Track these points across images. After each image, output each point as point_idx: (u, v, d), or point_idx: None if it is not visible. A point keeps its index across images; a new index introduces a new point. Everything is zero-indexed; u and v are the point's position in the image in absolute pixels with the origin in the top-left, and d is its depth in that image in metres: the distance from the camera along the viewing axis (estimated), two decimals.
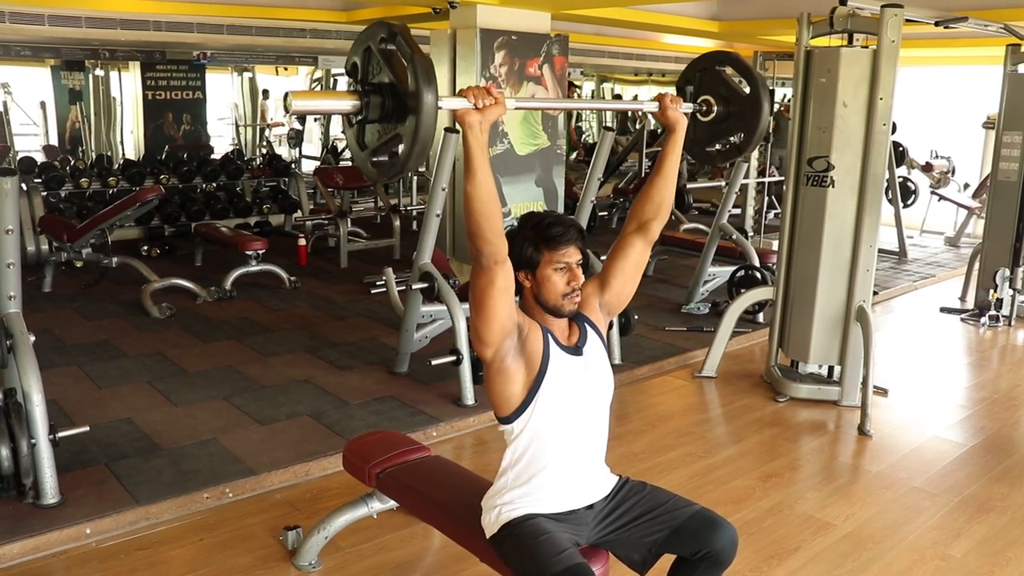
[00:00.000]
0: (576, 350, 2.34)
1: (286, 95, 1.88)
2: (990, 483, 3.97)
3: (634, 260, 2.48)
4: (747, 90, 2.63)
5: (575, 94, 13.89)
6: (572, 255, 2.29)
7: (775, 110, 12.23)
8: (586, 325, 2.39)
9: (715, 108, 2.63)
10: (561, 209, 7.58)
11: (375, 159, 2.03)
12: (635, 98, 15.93)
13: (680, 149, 2.49)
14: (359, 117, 2.01)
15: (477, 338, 2.20)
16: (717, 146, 2.72)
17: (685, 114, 2.49)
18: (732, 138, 2.70)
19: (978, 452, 4.36)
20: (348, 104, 1.97)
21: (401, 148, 1.96)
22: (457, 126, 2.05)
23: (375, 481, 2.94)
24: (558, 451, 2.31)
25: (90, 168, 9.21)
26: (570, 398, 2.30)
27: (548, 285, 2.28)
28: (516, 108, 2.14)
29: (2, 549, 3.13)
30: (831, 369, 5.07)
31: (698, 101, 2.65)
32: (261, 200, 9.86)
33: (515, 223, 2.41)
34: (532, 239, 2.30)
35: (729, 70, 2.79)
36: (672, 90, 2.65)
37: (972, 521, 3.60)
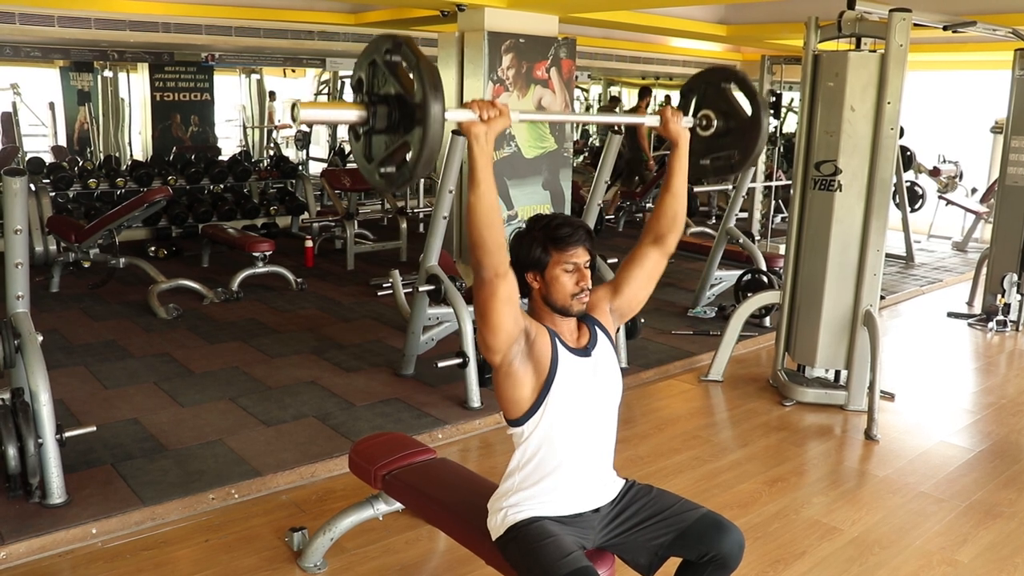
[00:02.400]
0: (585, 352, 2.34)
1: (293, 105, 1.89)
2: (997, 488, 3.95)
3: (648, 269, 2.49)
4: (749, 110, 2.63)
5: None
6: (580, 256, 2.30)
7: None
8: (596, 328, 2.39)
9: (715, 123, 2.63)
10: (568, 212, 7.58)
11: (383, 170, 2.04)
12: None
13: (686, 163, 2.50)
14: (366, 128, 2.01)
15: (484, 346, 2.22)
16: (710, 160, 2.73)
17: (686, 128, 2.51)
18: (726, 155, 2.70)
19: (985, 457, 4.34)
20: (355, 114, 1.98)
21: (409, 157, 1.96)
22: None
23: (381, 483, 2.94)
24: (567, 453, 2.30)
25: (98, 169, 9.26)
26: (579, 400, 2.30)
27: (557, 286, 2.29)
28: (520, 120, 2.14)
29: (9, 548, 3.14)
30: (838, 373, 5.06)
31: (699, 115, 2.65)
32: (268, 202, 9.89)
33: (522, 225, 2.41)
34: (540, 240, 2.30)
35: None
36: (677, 95, 2.66)
37: (979, 526, 3.58)
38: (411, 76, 1.91)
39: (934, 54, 10.22)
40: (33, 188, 7.23)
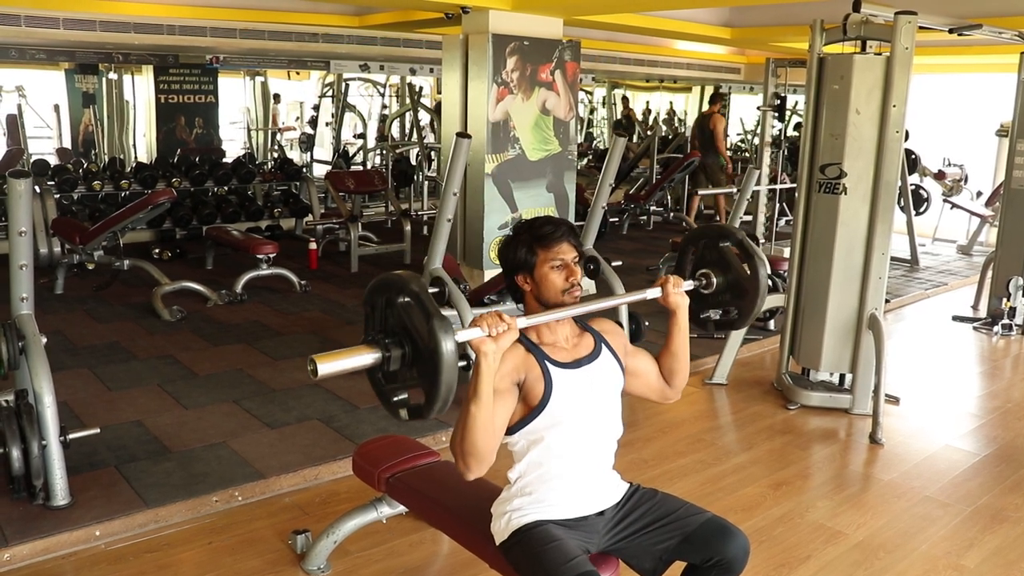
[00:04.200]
0: (579, 363, 2.33)
1: (310, 361, 1.91)
2: (1003, 493, 3.94)
3: (649, 382, 2.55)
4: (747, 271, 2.65)
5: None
6: (566, 252, 2.31)
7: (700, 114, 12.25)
8: (603, 346, 2.41)
9: (715, 281, 2.67)
10: (572, 214, 7.58)
11: (397, 399, 2.12)
12: (647, 104, 15.92)
13: (686, 330, 2.52)
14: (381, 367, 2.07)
15: None
16: (711, 314, 2.76)
17: (688, 292, 2.53)
18: (726, 310, 2.74)
19: (991, 462, 4.33)
20: (370, 359, 2.05)
21: (425, 397, 2.04)
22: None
23: (384, 486, 2.94)
24: (565, 461, 2.30)
25: (103, 171, 9.26)
26: (575, 411, 2.29)
27: (547, 283, 2.31)
28: (527, 326, 2.17)
29: (12, 550, 3.14)
30: (842, 377, 5.05)
31: (698, 275, 2.68)
32: (272, 204, 9.89)
33: (509, 232, 2.43)
34: (526, 242, 2.33)
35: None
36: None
37: (985, 531, 3.57)
38: (422, 318, 1.98)
39: (940, 57, 10.21)
40: (38, 190, 7.23)
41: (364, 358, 2.05)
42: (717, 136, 10.95)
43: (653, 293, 2.47)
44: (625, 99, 15.49)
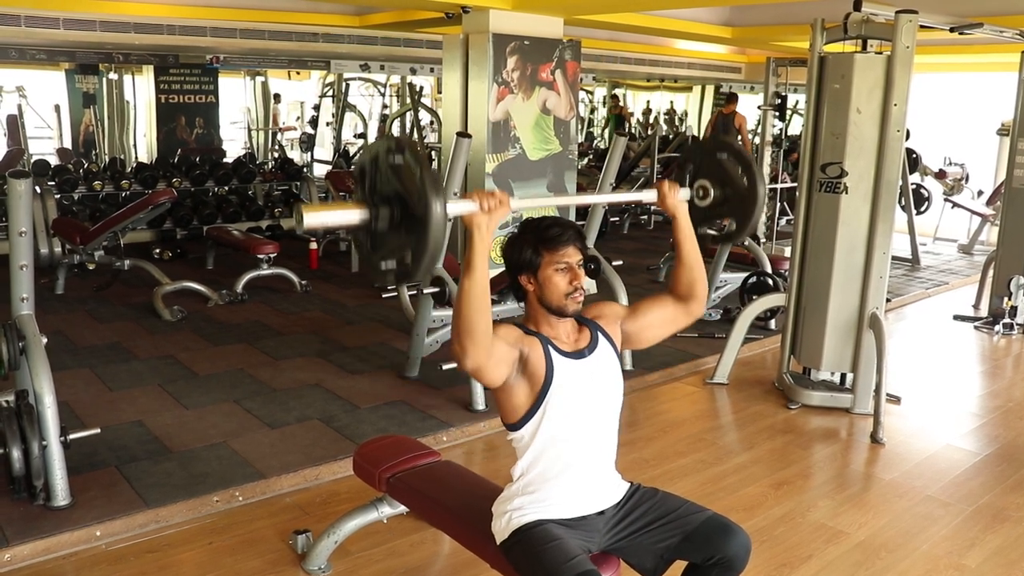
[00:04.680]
0: (581, 354, 2.33)
1: (297, 210, 1.89)
2: (1005, 492, 3.93)
3: (667, 316, 2.50)
4: (744, 180, 2.63)
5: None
6: (571, 255, 2.31)
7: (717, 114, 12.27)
8: (599, 334, 2.39)
9: (712, 193, 2.64)
10: (573, 214, 7.57)
11: (384, 264, 2.07)
12: (647, 103, 15.92)
13: (691, 232, 2.48)
14: (369, 227, 2.03)
15: (482, 382, 2.27)
16: (710, 230, 2.74)
17: (684, 200, 2.50)
18: (724, 223, 2.72)
19: (992, 461, 4.32)
20: (357, 215, 2.00)
21: (409, 257, 1.99)
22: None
23: (385, 486, 2.94)
24: (568, 456, 2.30)
25: (103, 171, 9.27)
26: (578, 403, 2.29)
27: (550, 286, 2.29)
28: (520, 208, 2.16)
29: (13, 550, 3.14)
30: (843, 376, 5.05)
31: (695, 186, 2.66)
32: (273, 204, 9.89)
33: (513, 231, 2.42)
34: (532, 242, 2.32)
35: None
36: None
37: (987, 531, 3.56)
38: (413, 176, 1.94)
39: (940, 56, 10.20)
40: (38, 190, 7.23)
41: (351, 214, 2.01)
42: (744, 135, 11.06)
43: (649, 196, 2.45)
44: (615, 97, 15.47)
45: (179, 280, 6.93)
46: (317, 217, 1.93)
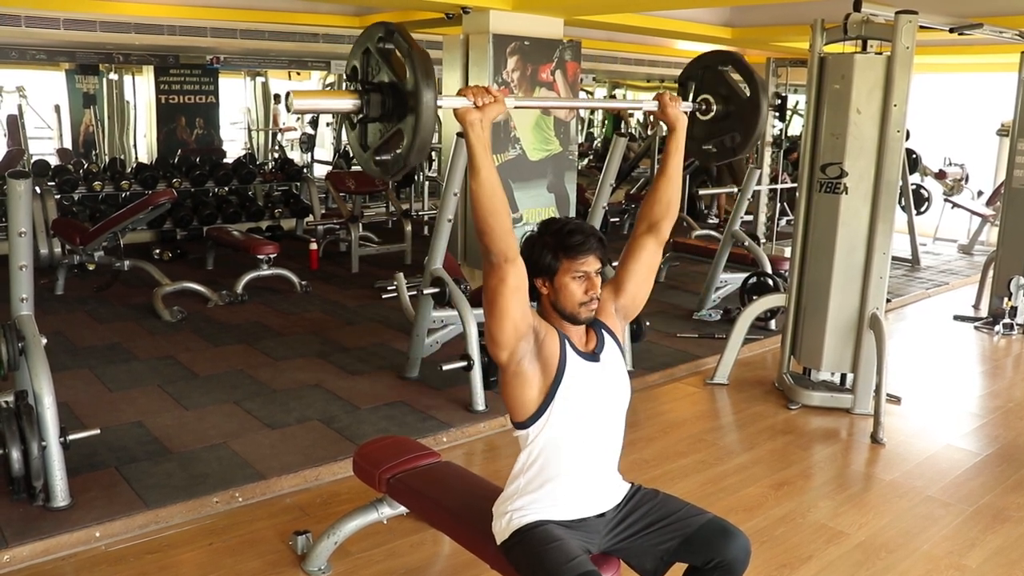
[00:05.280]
0: (593, 356, 2.32)
1: (287, 94, 1.88)
2: (1005, 492, 3.93)
3: (646, 261, 2.48)
4: (747, 92, 2.61)
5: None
6: (591, 264, 2.28)
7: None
8: (603, 331, 2.38)
9: (714, 107, 2.62)
10: (572, 215, 7.57)
11: (378, 158, 2.04)
12: None
13: (682, 148, 2.47)
14: (360, 116, 2.01)
15: (492, 341, 2.19)
16: (712, 144, 2.71)
17: (685, 113, 2.48)
18: (728, 137, 2.69)
19: (993, 461, 4.32)
20: (349, 103, 1.99)
21: (402, 144, 1.97)
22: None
23: (385, 486, 2.93)
24: (572, 457, 2.29)
25: (103, 171, 9.26)
26: (587, 404, 2.28)
27: (566, 293, 2.27)
28: (516, 108, 2.15)
29: (12, 551, 3.13)
30: (844, 377, 5.04)
31: (698, 100, 2.64)
32: (273, 204, 9.88)
33: (534, 228, 2.39)
34: (551, 246, 2.28)
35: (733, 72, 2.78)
36: (677, 83, 2.65)
37: (987, 531, 3.56)
38: (403, 62, 1.92)
39: (940, 56, 10.19)
40: (38, 191, 7.24)
41: (343, 102, 2.00)
42: None
43: (651, 105, 2.43)
44: (612, 98, 15.43)
45: (179, 281, 6.93)
46: (308, 102, 1.93)
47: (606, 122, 15.28)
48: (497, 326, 2.16)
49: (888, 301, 6.26)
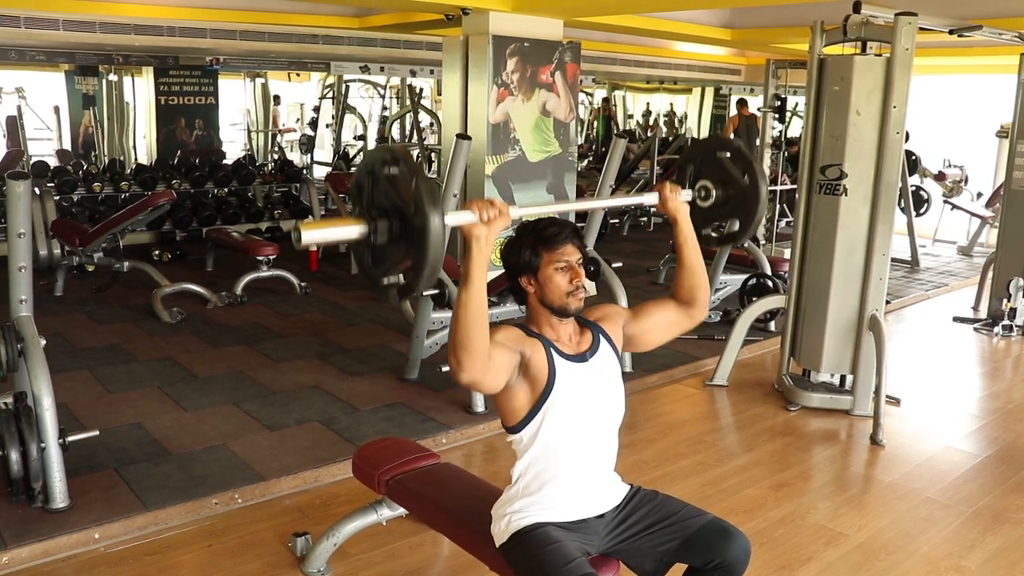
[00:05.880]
0: (583, 357, 2.33)
1: (295, 226, 1.87)
2: (1005, 494, 3.93)
3: (668, 319, 2.49)
4: (746, 179, 2.61)
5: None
6: (571, 253, 2.30)
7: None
8: (601, 336, 2.39)
9: (713, 193, 2.63)
10: (572, 216, 7.57)
11: (386, 280, 2.06)
12: (647, 105, 15.91)
13: (692, 236, 2.48)
14: (368, 242, 2.02)
15: (480, 393, 2.24)
16: (712, 230, 2.72)
17: (686, 202, 2.48)
18: (728, 223, 2.70)
19: (992, 463, 4.32)
20: (356, 230, 1.98)
21: (412, 271, 1.97)
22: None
23: (384, 488, 2.93)
24: (568, 459, 2.29)
25: (103, 173, 9.26)
26: (578, 406, 2.28)
27: (551, 285, 2.29)
28: (520, 216, 2.15)
29: (11, 553, 3.13)
30: (843, 378, 5.04)
31: (696, 187, 2.65)
32: (272, 205, 9.88)
33: (512, 233, 2.41)
34: (530, 243, 2.31)
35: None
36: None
37: (987, 532, 3.56)
38: (409, 188, 1.92)
39: (940, 58, 10.21)
40: (38, 192, 7.23)
41: (349, 230, 1.98)
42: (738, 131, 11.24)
43: (651, 198, 2.43)
44: (606, 100, 15.45)
45: (178, 282, 6.92)
46: (316, 234, 1.91)
47: (596, 123, 15.31)
48: (485, 392, 2.26)
49: (887, 303, 6.26)
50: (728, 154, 2.62)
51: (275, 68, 11.22)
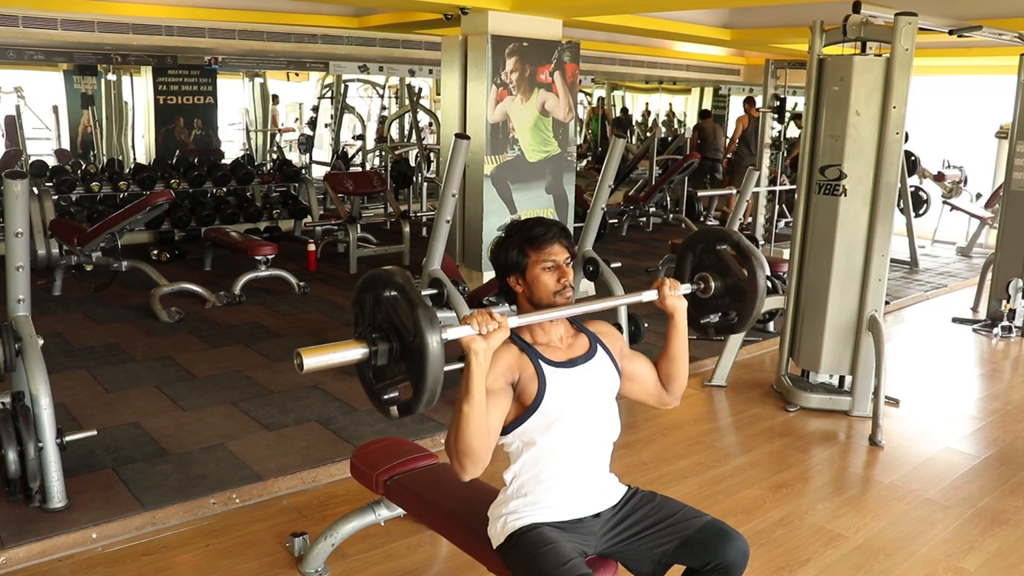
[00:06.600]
0: (573, 363, 2.32)
1: (296, 355, 1.88)
2: (1004, 495, 3.92)
3: (647, 388, 2.52)
4: (745, 272, 2.62)
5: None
6: (558, 253, 2.31)
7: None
8: (599, 347, 2.39)
9: (712, 285, 2.64)
10: (571, 216, 7.57)
11: (386, 396, 2.08)
12: (646, 106, 15.91)
13: (683, 333, 2.49)
14: (370, 363, 2.05)
15: None
16: (710, 320, 2.73)
17: (685, 296, 2.50)
18: (726, 314, 2.71)
19: (991, 464, 4.31)
20: (358, 353, 2.01)
21: (412, 392, 2.01)
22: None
23: (382, 488, 2.93)
24: (558, 460, 2.29)
25: (101, 172, 9.25)
26: (567, 410, 2.28)
27: (539, 285, 2.30)
28: (519, 325, 2.15)
29: (9, 553, 3.12)
30: (842, 379, 5.04)
31: (695, 279, 2.66)
32: (271, 205, 9.88)
33: (500, 234, 2.41)
34: (517, 244, 2.32)
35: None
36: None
37: (986, 534, 3.56)
38: (408, 311, 1.95)
39: (939, 59, 10.22)
40: (36, 191, 7.23)
41: (351, 353, 2.01)
42: (723, 133, 11.27)
43: (650, 296, 2.45)
44: (601, 100, 15.45)
45: (177, 281, 6.92)
46: (318, 359, 1.93)
47: (591, 123, 15.32)
48: None
49: (887, 303, 6.26)
50: (727, 247, 2.64)
51: (274, 68, 11.23)
